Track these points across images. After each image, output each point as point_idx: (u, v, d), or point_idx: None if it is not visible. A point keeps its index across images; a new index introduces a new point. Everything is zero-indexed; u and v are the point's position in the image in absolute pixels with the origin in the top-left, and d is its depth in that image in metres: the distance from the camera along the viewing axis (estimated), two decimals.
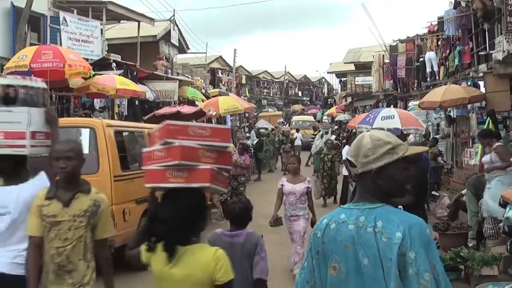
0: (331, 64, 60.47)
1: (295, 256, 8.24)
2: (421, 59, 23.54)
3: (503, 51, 12.10)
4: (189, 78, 27.52)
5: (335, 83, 67.97)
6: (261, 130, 28.89)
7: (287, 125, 40.32)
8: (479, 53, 15.83)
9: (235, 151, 15.32)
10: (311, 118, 44.02)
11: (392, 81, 30.71)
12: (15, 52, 13.84)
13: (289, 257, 8.71)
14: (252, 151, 24.11)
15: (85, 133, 8.60)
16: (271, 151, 26.59)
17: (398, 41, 28.43)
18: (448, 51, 20.08)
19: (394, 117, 12.61)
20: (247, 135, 31.21)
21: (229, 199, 13.06)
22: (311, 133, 28.51)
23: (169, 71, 25.96)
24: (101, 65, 17.03)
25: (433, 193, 13.91)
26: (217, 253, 3.10)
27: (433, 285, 2.23)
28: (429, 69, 22.24)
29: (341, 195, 14.76)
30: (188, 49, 32.22)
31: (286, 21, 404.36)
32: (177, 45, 28.49)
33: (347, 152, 2.73)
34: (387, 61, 30.99)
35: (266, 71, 63.81)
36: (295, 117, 45.15)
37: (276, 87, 65.26)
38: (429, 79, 22.45)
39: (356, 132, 19.36)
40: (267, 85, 62.85)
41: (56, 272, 3.80)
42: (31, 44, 15.17)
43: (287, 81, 68.31)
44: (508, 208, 7.13)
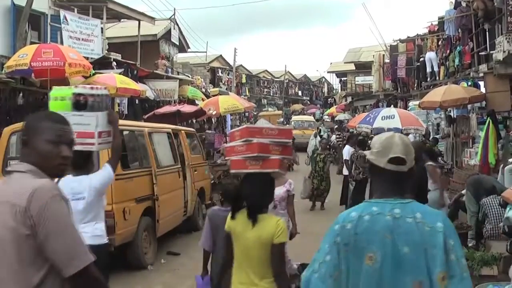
0: (331, 63, 60.48)
1: None
2: (422, 59, 23.54)
3: (504, 51, 12.10)
4: (189, 77, 27.51)
5: (335, 82, 68.04)
6: None
7: (286, 125, 39.90)
8: (480, 53, 15.83)
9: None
10: (311, 118, 42.97)
11: (392, 81, 30.70)
12: (16, 50, 13.84)
13: None
14: None
15: None
16: None
17: (398, 41, 28.44)
18: (448, 51, 20.08)
19: (394, 117, 12.63)
20: None
21: None
22: (312, 133, 28.33)
23: (170, 70, 25.97)
24: (101, 64, 17.01)
25: None
26: (279, 221, 4.09)
27: (467, 268, 2.58)
28: (429, 69, 22.24)
29: (341, 195, 14.73)
30: (188, 48, 32.24)
31: (286, 20, 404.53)
32: (178, 44, 28.51)
33: (348, 152, 3.09)
34: (387, 61, 31.00)
35: (266, 70, 63.88)
36: (294, 117, 43.79)
37: (276, 86, 65.31)
38: (429, 79, 22.45)
39: (354, 132, 19.43)
40: (267, 84, 62.89)
41: None
42: (32, 42, 15.17)
43: (287, 81, 68.34)
44: (508, 208, 7.13)
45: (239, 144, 4.45)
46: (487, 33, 15.35)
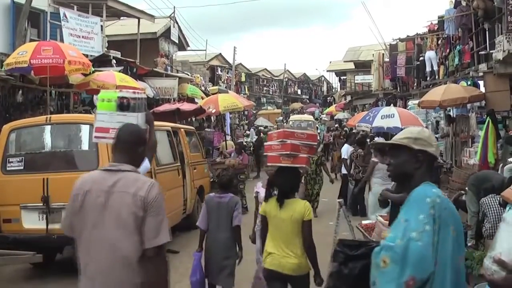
0: (330, 62, 60.47)
1: None
2: (421, 58, 23.53)
3: (504, 51, 12.11)
4: (188, 75, 27.49)
5: (335, 81, 68.12)
6: (260, 128, 28.85)
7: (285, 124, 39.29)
8: (479, 53, 15.83)
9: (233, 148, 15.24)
10: (310, 117, 40.69)
11: (391, 80, 30.69)
12: (15, 48, 13.82)
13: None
14: (251, 149, 24.12)
15: (85, 129, 8.62)
16: None
17: (398, 40, 28.42)
18: (448, 50, 20.08)
19: (394, 116, 12.63)
20: (247, 132, 31.21)
21: None
22: None
23: (169, 68, 25.94)
24: (101, 62, 16.98)
25: None
26: (306, 203, 5.29)
27: None
28: (428, 68, 22.24)
29: (339, 194, 14.63)
30: (188, 46, 32.20)
31: (286, 19, 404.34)
32: (177, 42, 28.48)
33: (347, 151, 3.35)
34: (387, 60, 30.96)
35: (265, 69, 63.79)
36: (292, 116, 40.48)
37: (275, 85, 65.28)
38: (429, 78, 22.44)
39: (354, 130, 19.42)
40: (267, 83, 62.85)
41: None
42: (31, 40, 15.16)
43: (287, 79, 68.32)
44: (508, 208, 7.13)
45: (275, 143, 5.71)
46: (487, 32, 15.35)
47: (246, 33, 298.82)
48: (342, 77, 55.96)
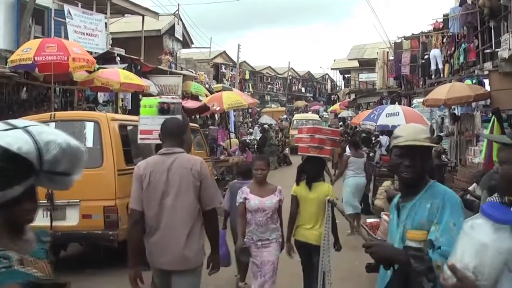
0: (335, 60, 60.30)
1: None
2: (426, 57, 23.46)
3: (509, 49, 12.06)
4: (192, 73, 27.48)
5: (339, 79, 67.97)
6: (264, 126, 28.80)
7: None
8: (485, 51, 15.77)
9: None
10: (315, 116, 39.67)
11: (396, 78, 30.61)
12: (19, 45, 13.82)
13: None
14: (255, 147, 24.09)
15: (90, 126, 8.60)
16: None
17: (402, 38, 28.33)
18: (453, 49, 20.02)
19: (398, 114, 12.56)
20: (251, 130, 31.19)
21: None
22: None
23: (173, 65, 25.94)
24: (105, 59, 17.00)
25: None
26: (329, 186, 6.52)
27: None
28: (433, 67, 22.17)
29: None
30: (192, 43, 32.19)
31: (290, 16, 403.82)
32: (181, 39, 28.47)
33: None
34: (391, 58, 30.89)
35: (269, 67, 63.76)
36: (296, 115, 39.19)
37: (279, 83, 65.25)
38: (433, 77, 22.38)
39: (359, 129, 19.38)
40: (271, 80, 62.83)
41: None
42: (35, 37, 15.16)
43: (291, 77, 68.25)
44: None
45: (305, 136, 6.94)
46: (493, 30, 15.28)
47: (250, 31, 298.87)
48: (346, 75, 55.84)
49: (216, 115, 24.13)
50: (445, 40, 21.94)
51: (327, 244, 5.93)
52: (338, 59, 58.38)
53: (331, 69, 62.97)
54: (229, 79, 42.52)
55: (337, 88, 71.19)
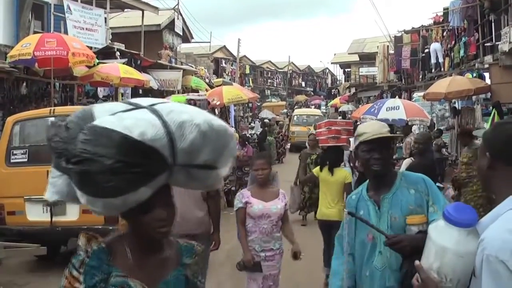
0: (335, 54, 60.24)
1: None
2: (426, 50, 23.45)
3: (510, 42, 12.05)
4: (192, 67, 27.45)
5: (339, 73, 67.82)
6: (265, 120, 28.73)
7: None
8: (485, 44, 15.74)
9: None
10: (317, 111, 37.99)
11: (396, 72, 30.59)
12: (19, 40, 13.80)
13: None
14: (255, 141, 24.05)
15: None
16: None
17: (403, 32, 28.28)
18: (453, 42, 19.99)
19: (399, 108, 12.55)
20: (251, 125, 31.15)
21: (233, 189, 13.09)
22: None
23: (173, 60, 25.91)
24: (105, 54, 16.97)
25: (437, 184, 13.82)
26: (347, 171, 7.89)
27: None
28: (434, 60, 22.15)
29: None
30: (192, 38, 32.16)
31: (290, 10, 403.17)
32: (181, 34, 28.43)
33: (353, 143, 3.46)
34: (391, 52, 30.85)
35: (269, 61, 63.72)
36: (297, 110, 36.71)
37: (279, 77, 65.19)
38: (434, 70, 22.37)
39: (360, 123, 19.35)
40: (271, 75, 62.76)
41: None
42: (35, 32, 15.11)
43: (291, 72, 68.19)
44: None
45: (324, 129, 8.33)
46: (493, 24, 15.26)
47: (250, 25, 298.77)
48: (346, 69, 55.78)
49: (216, 110, 24.08)
50: (445, 33, 21.92)
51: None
52: (338, 53, 58.35)
53: (332, 63, 62.95)
54: (229, 74, 42.49)
55: (338, 82, 71.08)
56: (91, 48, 15.12)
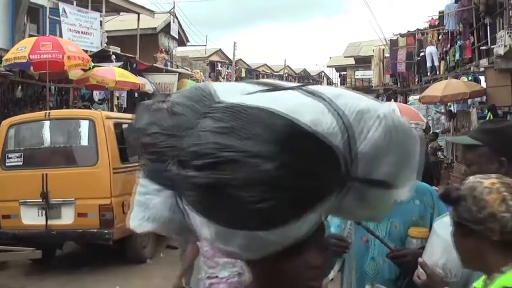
0: (330, 58, 60.35)
1: None
2: (422, 54, 23.50)
3: (505, 46, 12.05)
4: (188, 71, 27.44)
5: (335, 77, 67.89)
6: None
7: None
8: (480, 48, 15.77)
9: None
10: None
11: (392, 76, 30.66)
12: (14, 43, 13.75)
13: None
14: None
15: (84, 125, 8.58)
16: None
17: (398, 35, 28.38)
18: (449, 46, 20.04)
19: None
20: None
21: None
22: None
23: (169, 63, 25.89)
24: (100, 57, 16.93)
25: (433, 187, 13.85)
26: None
27: None
28: (429, 64, 22.20)
29: None
30: (187, 41, 32.14)
31: (286, 13, 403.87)
32: (177, 37, 28.40)
33: None
34: (387, 55, 30.94)
35: (265, 64, 63.77)
36: None
37: None
38: (429, 74, 22.41)
39: None
40: (267, 78, 62.75)
41: None
42: (30, 35, 15.09)
43: (287, 75, 68.19)
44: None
45: None
46: (488, 27, 15.28)
47: (246, 28, 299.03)
48: (342, 73, 55.86)
49: None
50: (440, 37, 21.97)
51: None
52: (334, 56, 58.45)
53: (327, 66, 63.09)
54: (225, 77, 42.48)
55: (333, 85, 71.17)
56: (86, 51, 15.09)
